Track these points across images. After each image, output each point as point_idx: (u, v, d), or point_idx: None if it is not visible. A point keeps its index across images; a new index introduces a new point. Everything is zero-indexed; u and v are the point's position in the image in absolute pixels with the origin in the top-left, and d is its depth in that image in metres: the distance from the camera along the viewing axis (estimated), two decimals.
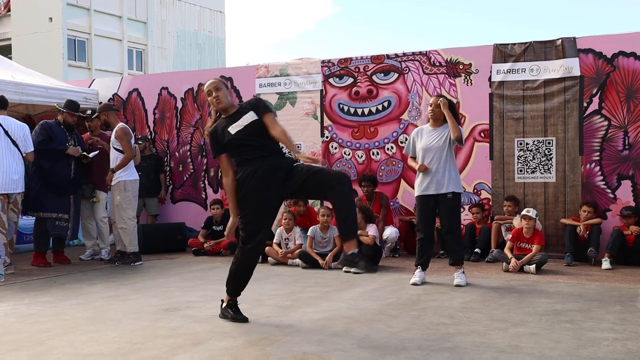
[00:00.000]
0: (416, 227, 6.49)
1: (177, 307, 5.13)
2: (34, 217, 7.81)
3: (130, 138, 7.72)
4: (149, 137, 10.45)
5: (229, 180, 4.46)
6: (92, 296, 5.67)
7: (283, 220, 7.89)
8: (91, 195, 8.23)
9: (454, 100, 8.49)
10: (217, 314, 4.76)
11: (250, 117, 4.41)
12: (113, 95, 10.81)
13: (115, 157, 7.69)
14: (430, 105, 6.31)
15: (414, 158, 6.44)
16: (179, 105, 10.36)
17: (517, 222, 7.53)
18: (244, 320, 4.57)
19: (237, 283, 4.61)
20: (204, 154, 10.15)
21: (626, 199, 7.80)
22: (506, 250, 7.23)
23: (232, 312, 4.63)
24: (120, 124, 7.77)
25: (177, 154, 10.39)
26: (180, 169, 10.38)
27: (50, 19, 29.31)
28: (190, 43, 35.86)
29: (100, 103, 10.75)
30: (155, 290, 5.92)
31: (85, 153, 7.95)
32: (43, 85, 9.47)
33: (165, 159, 10.43)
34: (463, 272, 6.21)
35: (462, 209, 7.46)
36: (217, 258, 8.39)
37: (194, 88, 10.24)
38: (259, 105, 4.49)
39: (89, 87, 10.92)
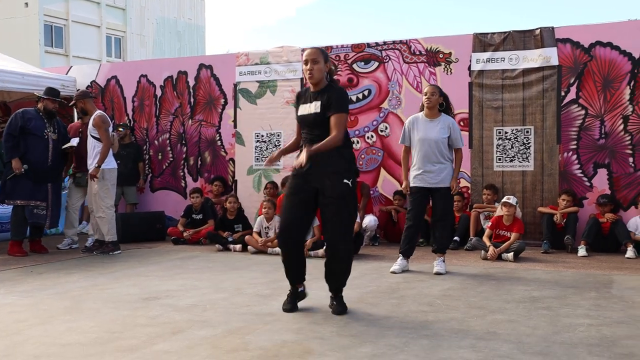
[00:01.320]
0: (406, 216, 6.47)
1: (156, 296, 5.11)
2: (12, 206, 7.72)
3: (108, 126, 7.63)
4: (128, 124, 10.35)
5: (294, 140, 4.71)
6: (70, 285, 5.62)
7: (263, 209, 7.88)
8: (86, 183, 8.15)
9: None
10: (196, 303, 4.74)
11: (314, 107, 4.39)
12: (91, 83, 10.69)
13: (92, 145, 7.60)
14: (426, 94, 6.23)
15: (409, 149, 6.38)
16: (158, 93, 10.27)
17: (499, 210, 7.58)
18: (286, 310, 4.54)
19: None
20: (184, 142, 10.09)
21: (602, 187, 7.90)
22: (485, 238, 7.29)
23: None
24: (98, 112, 7.68)
25: (156, 142, 10.31)
26: (160, 157, 10.31)
27: (26, 4, 28.88)
28: (169, 30, 35.57)
29: (78, 90, 10.65)
30: (134, 279, 5.89)
31: (70, 143, 7.89)
32: (19, 71, 9.31)
33: (145, 147, 10.35)
34: (443, 261, 6.24)
35: None
36: (196, 247, 8.36)
37: (173, 76, 10.16)
38: (330, 104, 4.35)
39: (67, 74, 10.78)
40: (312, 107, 4.42)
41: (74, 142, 7.99)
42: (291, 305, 4.57)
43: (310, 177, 4.39)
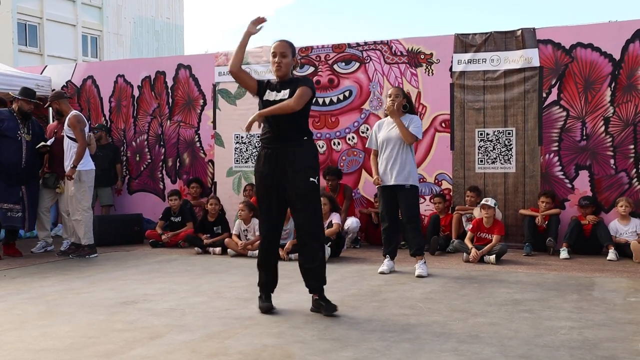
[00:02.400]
0: (380, 217, 6.54)
1: (133, 300, 5.07)
2: None
3: (84, 126, 7.56)
4: (105, 125, 10.27)
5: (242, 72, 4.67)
6: (45, 290, 5.55)
7: (240, 212, 7.85)
8: (54, 184, 8.06)
9: (415, 90, 8.56)
10: (175, 307, 4.71)
11: (282, 95, 4.47)
12: (67, 83, 10.59)
13: (68, 146, 7.53)
14: (389, 96, 6.33)
15: (377, 153, 6.45)
16: (136, 93, 10.20)
17: (477, 212, 7.63)
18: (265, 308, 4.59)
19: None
20: (162, 143, 10.03)
21: (584, 189, 7.98)
22: (467, 241, 7.33)
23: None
24: (73, 112, 7.60)
25: (134, 143, 10.24)
26: (137, 158, 10.23)
27: None
28: (147, 30, 35.34)
29: (53, 90, 10.54)
30: (111, 283, 5.84)
31: (43, 142, 7.81)
32: None
33: (122, 148, 10.27)
34: (424, 263, 6.27)
35: (422, 199, 7.54)
36: (175, 250, 8.31)
37: (151, 76, 10.10)
38: (299, 82, 4.49)
39: (41, 73, 10.67)
40: (280, 95, 4.49)
41: (49, 142, 7.91)
42: (268, 302, 4.64)
43: (275, 176, 4.49)
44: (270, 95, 4.54)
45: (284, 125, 4.47)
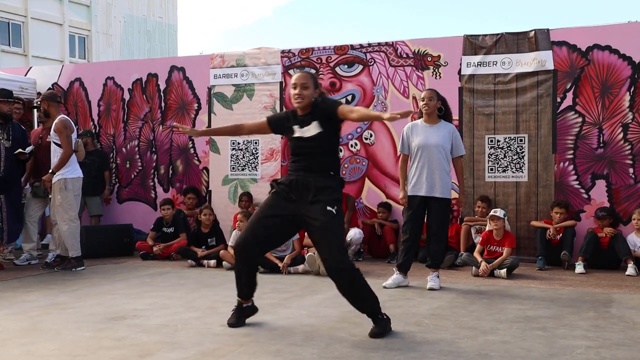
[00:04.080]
0: (402, 228, 6.49)
1: (122, 315, 5.07)
2: None
3: (71, 132, 7.56)
4: (94, 131, 10.30)
5: (238, 129, 4.97)
6: (28, 305, 5.55)
7: (238, 223, 7.86)
8: (44, 194, 8.07)
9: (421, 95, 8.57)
10: (166, 323, 4.71)
11: (314, 128, 4.47)
12: (53, 85, 10.63)
13: (55, 152, 7.55)
14: (423, 100, 6.29)
15: (407, 157, 6.40)
16: (127, 96, 10.23)
17: (488, 225, 7.63)
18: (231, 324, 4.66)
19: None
20: (154, 149, 10.05)
21: (600, 200, 7.98)
22: (476, 254, 7.32)
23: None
24: (61, 116, 7.62)
25: (124, 149, 10.26)
26: (128, 166, 10.25)
27: None
28: (138, 29, 35.41)
29: (39, 93, 10.57)
30: (99, 298, 5.84)
31: (21, 149, 7.81)
32: None
33: (111, 155, 10.29)
34: (437, 276, 6.28)
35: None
36: (167, 262, 8.31)
37: (142, 78, 10.13)
38: (331, 111, 4.48)
39: (26, 75, 10.72)
40: (311, 130, 4.49)
41: (28, 149, 7.91)
42: (235, 319, 4.70)
43: (292, 203, 4.50)
44: (299, 132, 4.55)
45: (313, 158, 4.51)
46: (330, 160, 4.57)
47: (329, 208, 4.39)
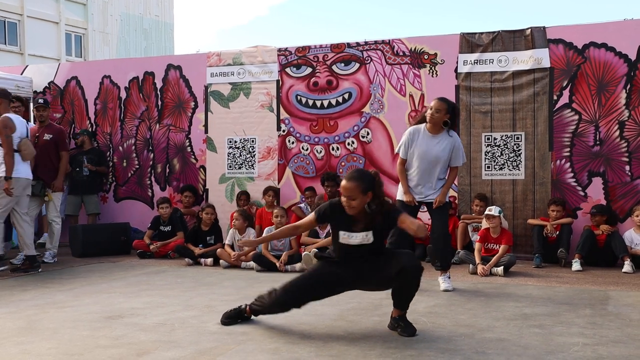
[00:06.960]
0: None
1: (120, 314, 5.06)
2: None
3: (11, 132, 7.26)
4: (90, 129, 10.28)
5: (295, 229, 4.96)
6: (25, 304, 5.55)
7: (235, 221, 7.86)
8: (42, 192, 8.04)
9: (418, 93, 8.57)
10: (163, 322, 4.71)
11: (367, 238, 4.36)
12: (49, 84, 10.62)
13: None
14: (430, 109, 6.16)
15: (405, 161, 6.35)
16: (123, 95, 10.22)
17: (484, 223, 7.64)
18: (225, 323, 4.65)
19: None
20: (151, 148, 10.04)
21: (597, 197, 8.00)
22: (475, 253, 7.31)
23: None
24: (3, 115, 7.33)
25: (120, 148, 10.25)
26: (125, 164, 10.24)
27: None
28: (135, 28, 35.36)
29: (35, 92, 10.57)
30: (96, 297, 5.83)
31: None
32: None
33: (108, 153, 10.28)
34: (449, 277, 6.25)
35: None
36: (164, 261, 8.31)
37: (139, 77, 10.12)
38: (385, 222, 4.38)
39: (22, 74, 10.70)
40: (358, 237, 4.38)
41: None
42: (229, 320, 4.66)
43: (352, 280, 4.47)
44: (345, 238, 4.40)
45: (362, 254, 4.45)
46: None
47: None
